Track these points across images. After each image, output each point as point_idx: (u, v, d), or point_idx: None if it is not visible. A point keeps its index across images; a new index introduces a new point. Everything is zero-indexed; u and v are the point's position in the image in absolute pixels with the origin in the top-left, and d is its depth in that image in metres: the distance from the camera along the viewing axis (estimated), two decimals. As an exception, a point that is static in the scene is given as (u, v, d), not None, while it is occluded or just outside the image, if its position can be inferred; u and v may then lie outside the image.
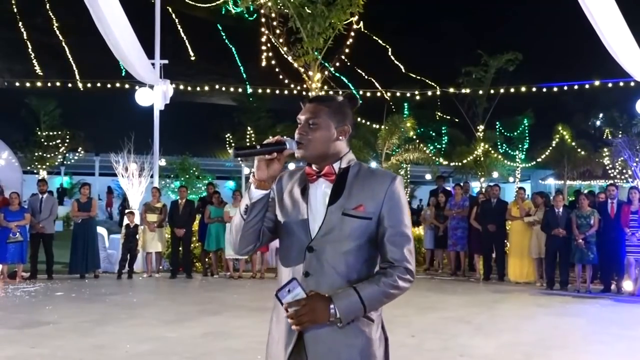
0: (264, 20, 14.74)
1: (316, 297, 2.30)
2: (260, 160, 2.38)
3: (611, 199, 11.87)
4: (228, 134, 27.09)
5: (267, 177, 2.39)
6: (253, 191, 2.41)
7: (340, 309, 2.29)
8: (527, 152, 28.28)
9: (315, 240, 2.41)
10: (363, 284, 2.34)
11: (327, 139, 2.45)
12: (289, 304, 2.30)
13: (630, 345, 7.98)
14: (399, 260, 2.39)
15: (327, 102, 2.49)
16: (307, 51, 14.44)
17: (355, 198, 2.41)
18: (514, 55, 22.23)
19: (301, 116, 2.49)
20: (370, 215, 2.40)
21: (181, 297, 11.05)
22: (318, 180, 2.48)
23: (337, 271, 2.38)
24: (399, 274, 2.37)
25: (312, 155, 2.46)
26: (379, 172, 2.55)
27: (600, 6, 10.32)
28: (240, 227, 2.46)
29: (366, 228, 2.40)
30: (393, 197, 2.43)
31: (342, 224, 2.39)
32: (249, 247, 2.53)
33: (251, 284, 12.71)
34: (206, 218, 13.42)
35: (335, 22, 14.23)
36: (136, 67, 13.47)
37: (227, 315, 9.19)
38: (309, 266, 2.40)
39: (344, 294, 2.32)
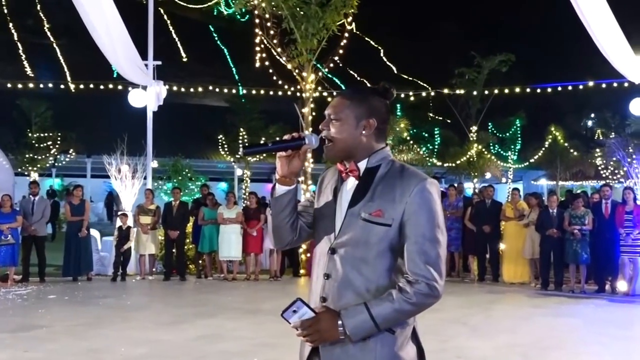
0: (257, 21, 14.65)
1: (324, 316, 2.22)
2: (280, 157, 2.34)
3: (605, 200, 11.88)
4: (221, 135, 27.01)
5: (287, 173, 2.36)
6: (277, 187, 2.39)
7: (348, 327, 2.19)
8: (519, 152, 28.34)
9: (336, 242, 2.33)
10: (376, 301, 2.21)
11: (349, 134, 2.34)
12: (295, 325, 2.25)
13: (627, 345, 7.98)
14: (420, 275, 2.20)
15: (351, 95, 2.40)
16: (301, 52, 14.37)
17: (376, 202, 2.28)
18: (507, 57, 22.27)
19: (326, 111, 2.41)
20: (389, 222, 2.25)
21: (175, 300, 10.99)
22: (349, 178, 2.39)
23: (355, 277, 2.28)
24: (417, 289, 2.18)
25: (335, 152, 2.37)
26: (409, 173, 2.33)
27: (592, 7, 10.33)
28: (272, 222, 2.45)
29: (385, 235, 2.26)
30: (417, 203, 2.24)
31: (360, 228, 2.28)
32: (287, 241, 2.50)
33: (245, 285, 12.65)
34: (200, 220, 13.36)
35: (329, 23, 14.17)
36: (128, 69, 13.38)
37: (222, 318, 9.13)
38: (329, 268, 2.34)
39: (353, 311, 2.21)
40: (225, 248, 13.00)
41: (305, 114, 14.65)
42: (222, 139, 27.08)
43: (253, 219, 13.22)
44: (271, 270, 13.35)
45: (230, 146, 27.13)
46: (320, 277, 2.37)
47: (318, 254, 2.42)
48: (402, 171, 2.33)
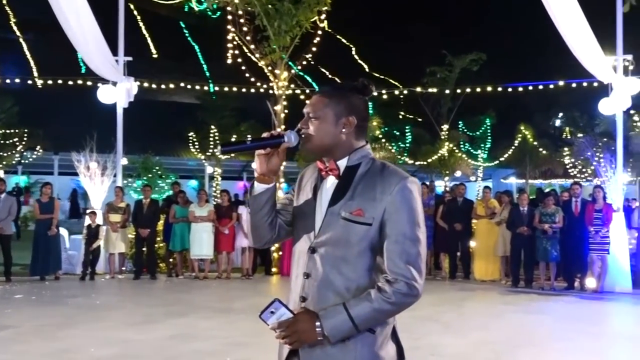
0: (230, 18, 14.52)
1: (302, 317, 2.19)
2: (259, 155, 2.30)
3: (575, 198, 12.04)
4: (191, 132, 26.74)
5: (266, 171, 2.31)
6: (255, 185, 2.35)
7: (327, 329, 2.16)
8: (489, 151, 28.58)
9: (316, 241, 2.30)
10: (355, 301, 2.17)
11: (327, 132, 2.30)
12: (274, 327, 2.20)
13: (597, 342, 8.08)
14: (399, 274, 2.17)
15: (329, 93, 2.35)
16: (274, 49, 14.30)
17: (356, 200, 2.25)
18: (478, 56, 22.44)
19: (305, 109, 2.37)
20: (369, 221, 2.22)
21: (146, 299, 10.84)
22: (328, 176, 2.36)
23: (336, 276, 2.24)
24: (396, 288, 2.15)
25: (314, 150, 2.34)
26: (390, 171, 2.30)
27: (563, 8, 10.42)
28: (249, 220, 2.43)
29: (365, 234, 2.23)
30: (398, 201, 2.21)
31: (340, 227, 2.25)
32: (265, 239, 2.47)
33: (217, 284, 12.55)
34: (171, 218, 13.21)
35: (302, 21, 14.12)
36: (100, 64, 13.16)
37: (194, 317, 9.03)
38: (309, 267, 2.29)
39: (331, 312, 2.17)
40: (197, 246, 12.88)
41: (278, 112, 14.59)
42: (193, 136, 26.80)
43: (225, 217, 13.12)
44: (243, 269, 13.26)
45: (201, 144, 26.89)
46: (299, 276, 2.33)
47: (297, 252, 2.38)
48: (383, 170, 2.30)
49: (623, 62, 12.33)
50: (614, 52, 12.34)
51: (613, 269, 11.61)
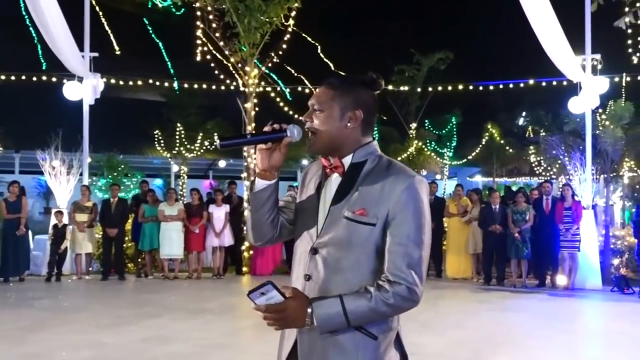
0: (199, 14, 14.28)
1: (292, 303, 2.06)
2: (260, 149, 2.20)
3: (546, 196, 12.14)
4: (157, 130, 26.35)
5: (268, 167, 2.21)
6: (256, 182, 2.26)
7: (318, 318, 2.05)
8: (455, 149, 28.79)
9: (317, 241, 2.20)
10: (353, 295, 2.07)
11: (333, 127, 2.20)
12: (259, 308, 2.08)
13: (572, 338, 8.15)
14: (400, 277, 2.07)
15: (335, 85, 2.24)
16: (244, 46, 14.13)
17: (359, 200, 2.15)
18: (445, 55, 22.57)
19: (309, 102, 2.26)
20: (373, 221, 2.12)
21: (116, 300, 10.57)
22: (333, 174, 2.26)
23: (337, 279, 2.14)
24: (397, 291, 2.06)
25: (319, 145, 2.23)
26: (396, 169, 2.19)
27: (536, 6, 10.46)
28: (250, 218, 2.35)
29: (369, 234, 2.13)
30: (404, 201, 2.10)
31: (343, 228, 2.15)
32: (266, 238, 2.36)
33: (188, 284, 12.34)
34: (140, 217, 12.96)
35: (273, 17, 13.98)
36: (71, 58, 12.81)
37: (167, 318, 8.84)
38: (310, 269, 2.20)
39: (326, 302, 2.07)
40: (167, 246, 12.65)
41: (248, 109, 14.42)
42: (158, 134, 26.41)
43: (195, 216, 12.92)
44: (214, 268, 13.07)
45: (167, 142, 26.53)
46: (300, 277, 2.24)
47: (298, 253, 2.30)
48: (389, 167, 2.19)
49: (592, 62, 12.48)
50: (583, 52, 12.48)
51: (583, 266, 11.74)
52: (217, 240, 12.94)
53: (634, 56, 12.91)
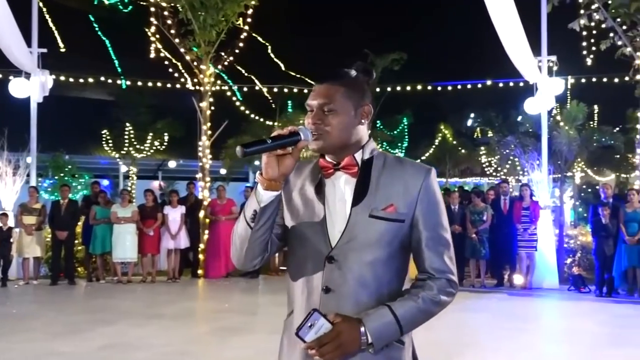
0: (153, 10, 13.88)
1: (344, 327, 1.89)
2: (270, 155, 1.93)
3: (504, 196, 12.22)
4: (105, 130, 25.63)
5: (278, 175, 1.94)
6: (262, 193, 1.96)
7: (372, 333, 1.89)
8: (406, 150, 28.91)
9: (336, 248, 2.00)
10: (399, 301, 1.96)
11: (347, 126, 2.02)
12: (311, 345, 1.88)
13: (536, 338, 8.18)
14: (440, 271, 2.01)
15: (342, 80, 2.05)
16: (199, 44, 13.83)
17: (384, 196, 2.01)
18: (399, 55, 22.59)
19: (312, 101, 2.04)
20: (402, 217, 2.00)
21: (68, 306, 10.16)
22: (335, 174, 2.07)
23: (365, 285, 1.99)
24: (440, 286, 2.00)
25: (332, 147, 2.03)
26: (410, 163, 2.11)
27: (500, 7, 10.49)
28: (247, 237, 2.02)
29: (397, 232, 2.00)
30: (429, 194, 2.03)
31: (369, 227, 1.99)
32: (256, 260, 2.10)
33: (142, 288, 11.97)
34: (91, 219, 12.51)
35: (229, 15, 13.71)
36: (18, 54, 12.24)
37: (124, 324, 8.50)
38: (330, 280, 2.00)
39: (376, 315, 1.92)
40: (120, 249, 12.24)
41: (204, 108, 14.11)
42: (106, 134, 25.71)
43: (149, 218, 12.56)
44: (169, 272, 12.72)
45: (115, 142, 25.85)
46: (314, 292, 2.02)
47: (303, 266, 2.06)
48: (402, 162, 2.09)
49: (547, 63, 12.63)
50: (538, 53, 12.61)
51: (540, 265, 11.86)
52: (172, 242, 12.60)
53: (588, 58, 13.16)
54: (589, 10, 12.82)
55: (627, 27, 12.71)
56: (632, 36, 12.69)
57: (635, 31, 12.63)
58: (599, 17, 12.76)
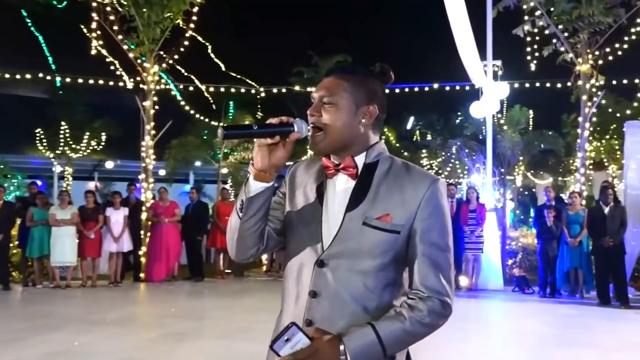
0: (95, 5, 13.41)
1: (322, 344, 1.79)
2: (261, 145, 1.86)
3: (451, 198, 12.31)
4: (39, 129, 24.73)
5: (268, 166, 1.88)
6: (251, 183, 1.90)
7: (352, 353, 1.78)
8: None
9: (327, 252, 1.91)
10: (383, 321, 1.83)
11: (345, 122, 1.93)
12: (287, 358, 1.80)
13: (488, 339, 8.26)
14: (434, 290, 1.87)
15: (348, 75, 1.97)
16: (143, 41, 13.46)
17: (381, 204, 1.90)
18: (344, 58, 22.64)
19: (314, 93, 1.98)
20: (398, 229, 1.88)
21: (4, 313, 9.70)
22: (337, 175, 1.98)
23: (352, 294, 1.88)
24: (430, 307, 1.86)
25: (327, 143, 1.94)
26: (417, 171, 1.97)
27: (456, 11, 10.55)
28: (237, 228, 1.96)
29: (393, 244, 1.89)
30: (431, 207, 1.90)
31: (361, 235, 1.88)
32: (250, 252, 2.02)
33: (82, 293, 11.55)
34: (28, 221, 11.98)
35: (175, 12, 13.40)
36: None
37: (67, 331, 8.12)
38: (317, 284, 1.91)
39: (358, 334, 1.81)
40: (59, 252, 11.77)
41: (147, 108, 13.74)
42: (41, 133, 24.81)
43: (90, 220, 12.13)
44: (111, 276, 12.32)
45: (50, 141, 24.99)
46: (302, 295, 1.95)
47: (296, 267, 1.99)
48: (408, 169, 1.97)
49: (493, 67, 12.84)
50: (484, 57, 12.80)
51: (486, 267, 12.02)
52: (115, 245, 12.21)
53: (532, 63, 13.45)
54: (533, 17, 13.10)
55: (568, 33, 13.05)
56: (573, 43, 13.04)
57: (576, 38, 12.98)
58: (542, 23, 13.06)
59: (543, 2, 12.95)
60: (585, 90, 13.05)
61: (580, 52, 13.01)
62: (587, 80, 13.05)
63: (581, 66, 13.05)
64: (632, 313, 9.87)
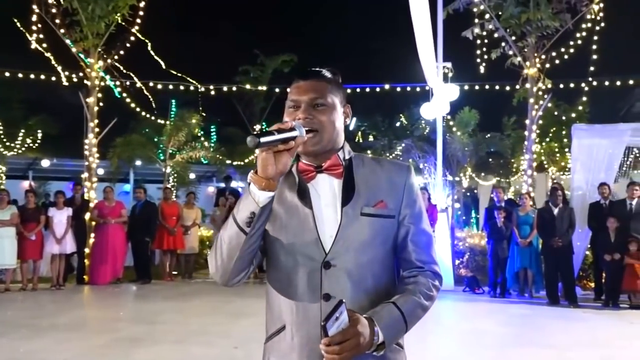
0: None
1: (360, 321, 1.78)
2: (268, 152, 1.77)
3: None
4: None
5: (276, 173, 1.80)
6: (258, 193, 1.81)
7: (384, 332, 1.83)
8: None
9: (331, 252, 1.93)
10: (401, 298, 1.92)
11: (335, 123, 1.99)
12: (332, 341, 1.71)
13: (442, 339, 8.31)
14: (428, 263, 2.04)
15: (328, 77, 2.03)
16: (87, 35, 13.00)
17: (372, 193, 1.99)
18: (290, 57, 22.55)
19: (300, 97, 1.97)
20: (392, 213, 2.00)
21: (-60, 319, 9.14)
22: (317, 178, 2.00)
23: (365, 287, 1.95)
24: (430, 280, 2.02)
25: (323, 145, 1.97)
26: (388, 161, 2.14)
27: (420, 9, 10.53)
28: (239, 245, 1.86)
29: (390, 229, 2.01)
30: (412, 191, 2.06)
31: (361, 226, 1.95)
32: (243, 273, 1.96)
33: (23, 297, 11.05)
34: (-35, 222, 11.39)
35: (121, 6, 12.99)
36: None
37: (13, 338, 7.72)
38: (329, 287, 1.92)
39: (384, 312, 1.87)
40: (-3, 254, 11.24)
41: (91, 104, 13.28)
42: (-28, 131, 23.72)
43: (31, 221, 11.63)
44: (53, 278, 11.83)
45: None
46: (311, 301, 1.93)
47: (296, 276, 1.96)
48: (379, 161, 2.12)
49: (443, 69, 12.93)
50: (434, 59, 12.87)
51: (437, 267, 12.06)
52: (57, 247, 11.74)
53: (481, 65, 13.62)
54: (482, 20, 13.28)
55: (517, 37, 13.28)
56: (521, 46, 13.27)
57: (524, 42, 13.22)
58: (491, 26, 13.25)
59: (492, 5, 13.13)
60: (532, 93, 13.31)
61: (528, 55, 13.26)
62: (534, 83, 13.30)
63: (529, 69, 13.30)
64: (581, 312, 10.09)
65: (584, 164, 11.75)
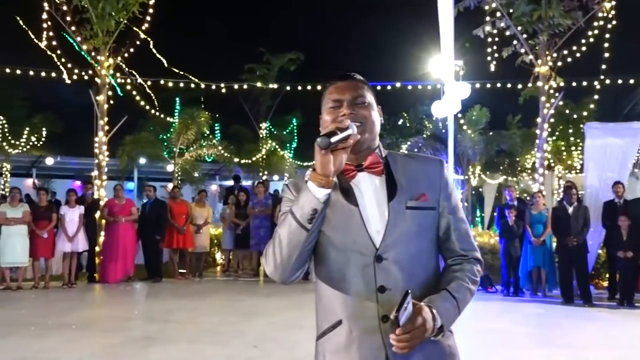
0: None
1: (423, 309, 1.91)
2: (328, 150, 1.87)
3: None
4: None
5: (333, 170, 1.90)
6: (318, 190, 1.90)
7: (442, 317, 1.95)
8: (295, 151, 28.83)
9: (382, 247, 2.01)
10: (453, 284, 2.06)
11: (377, 121, 2.13)
12: (405, 329, 1.85)
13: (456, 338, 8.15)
14: (470, 250, 2.16)
15: (362, 79, 2.15)
16: (97, 33, 12.95)
17: (413, 188, 2.09)
18: (296, 55, 22.50)
19: (343, 95, 2.08)
20: (434, 205, 2.11)
21: (-47, 317, 9.10)
22: (357, 176, 2.08)
23: (415, 276, 2.04)
24: (474, 266, 2.15)
25: (369, 138, 2.08)
26: (422, 156, 2.27)
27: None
28: (300, 242, 1.95)
29: (433, 220, 2.11)
30: (448, 183, 2.16)
31: (408, 220, 2.05)
32: (300, 272, 2.05)
33: (35, 295, 11.02)
34: (-27, 221, 11.35)
35: (130, 4, 12.94)
36: None
37: (23, 336, 7.68)
38: (384, 279, 2.00)
39: (440, 299, 2.00)
40: (9, 252, 11.20)
41: (101, 102, 13.23)
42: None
43: (43, 219, 11.59)
44: (65, 277, 11.80)
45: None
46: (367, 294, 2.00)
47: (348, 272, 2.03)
48: (413, 157, 2.24)
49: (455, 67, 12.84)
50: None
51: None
52: (69, 245, 11.70)
53: (492, 64, 13.55)
54: (494, 18, 13.20)
55: (528, 35, 13.20)
56: (533, 44, 13.19)
57: (536, 39, 13.14)
58: (503, 24, 13.17)
59: (504, 3, 13.06)
60: (544, 92, 13.23)
61: (539, 53, 13.18)
62: (545, 81, 13.23)
63: (540, 68, 13.23)
64: (596, 311, 10.03)
65: (597, 162, 11.67)
